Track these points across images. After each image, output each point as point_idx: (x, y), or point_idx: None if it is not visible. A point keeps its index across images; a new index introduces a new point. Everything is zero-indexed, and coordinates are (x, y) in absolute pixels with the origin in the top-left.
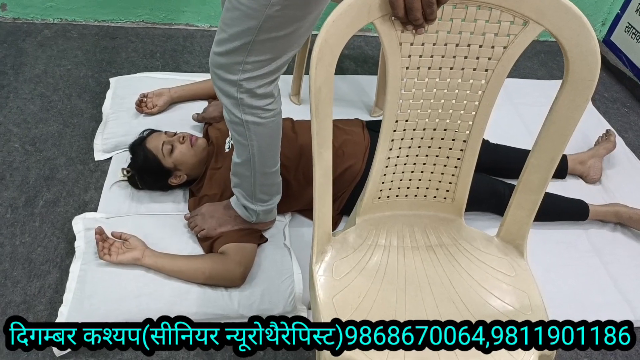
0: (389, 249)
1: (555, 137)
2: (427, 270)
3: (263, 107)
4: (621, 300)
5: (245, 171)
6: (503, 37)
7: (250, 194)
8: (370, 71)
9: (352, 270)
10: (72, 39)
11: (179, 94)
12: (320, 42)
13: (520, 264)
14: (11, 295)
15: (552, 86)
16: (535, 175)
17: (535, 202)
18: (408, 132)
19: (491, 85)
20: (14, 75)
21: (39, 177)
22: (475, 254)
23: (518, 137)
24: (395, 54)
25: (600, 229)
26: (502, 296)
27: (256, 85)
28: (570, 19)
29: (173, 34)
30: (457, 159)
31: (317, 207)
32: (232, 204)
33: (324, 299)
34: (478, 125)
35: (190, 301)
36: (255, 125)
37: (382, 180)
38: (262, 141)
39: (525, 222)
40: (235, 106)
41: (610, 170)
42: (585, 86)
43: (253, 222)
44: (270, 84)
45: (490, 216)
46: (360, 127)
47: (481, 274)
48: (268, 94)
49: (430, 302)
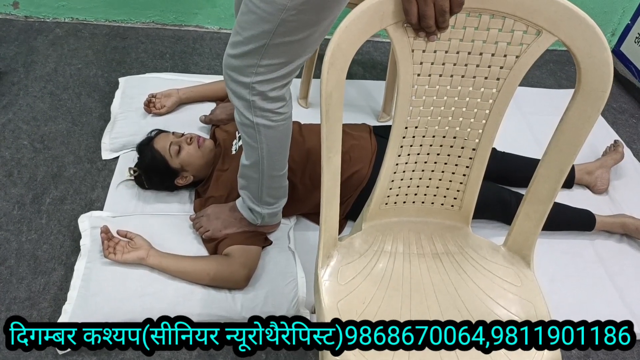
0: (395, 256)
1: (565, 148)
2: (432, 278)
3: (274, 110)
4: (626, 314)
5: (253, 173)
6: (515, 46)
7: (257, 196)
8: (379, 77)
9: (357, 276)
10: (83, 38)
11: (187, 95)
12: (332, 47)
13: (527, 275)
14: (16, 291)
15: (560, 96)
16: (543, 185)
17: (544, 213)
18: (417, 138)
19: (502, 94)
20: (25, 73)
21: (47, 174)
22: (481, 262)
23: (525, 145)
24: (407, 61)
25: (607, 240)
26: (507, 306)
27: (269, 88)
28: (584, 30)
29: (183, 36)
30: (465, 167)
31: (324, 211)
32: (238, 206)
33: (329, 304)
34: (488, 134)
35: (194, 302)
36: (265, 128)
37: (390, 186)
38: (272, 144)
39: (532, 233)
40: (247, 108)
41: (617, 181)
42: (597, 97)
43: (258, 225)
44: (283, 88)
45: (496, 224)
46: (368, 132)
47: (487, 283)
48: (280, 97)
49: (435, 309)
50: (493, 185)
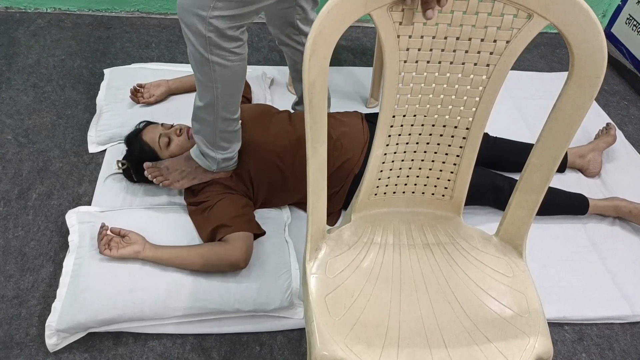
0: (385, 247)
1: (558, 136)
2: (423, 269)
3: (230, 49)
4: (619, 297)
5: (207, 115)
6: (506, 30)
7: (211, 140)
8: (368, 63)
9: (346, 269)
10: (66, 28)
11: (176, 85)
12: (314, 33)
13: (519, 265)
14: (4, 289)
15: (551, 79)
16: (536, 174)
17: (536, 202)
18: (406, 127)
19: (492, 81)
20: (7, 65)
21: (32, 169)
22: (473, 253)
23: (516, 130)
24: (392, 47)
25: (599, 224)
26: (499, 297)
27: (226, 25)
28: (577, 13)
29: (169, 24)
30: (456, 156)
31: (311, 203)
32: (192, 155)
33: (317, 298)
34: (478, 122)
35: (185, 295)
36: (221, 67)
37: (379, 176)
38: (226, 84)
39: (525, 222)
40: (203, 45)
41: (609, 164)
42: (591, 83)
43: (214, 171)
44: (239, 29)
45: (489, 210)
46: (360, 119)
47: (478, 274)
48: (236, 37)
49: (425, 301)
50: (485, 170)
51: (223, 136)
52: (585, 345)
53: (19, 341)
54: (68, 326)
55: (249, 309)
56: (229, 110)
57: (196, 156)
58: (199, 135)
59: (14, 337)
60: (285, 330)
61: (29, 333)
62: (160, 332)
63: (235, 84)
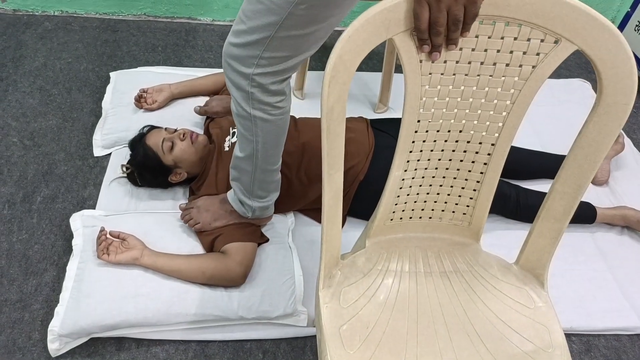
0: (401, 275)
1: (584, 164)
2: (440, 299)
3: (273, 103)
4: (627, 307)
5: (246, 166)
6: (532, 55)
7: (248, 189)
8: (375, 68)
9: (361, 298)
10: (73, 31)
11: (179, 89)
12: (334, 59)
13: (541, 296)
14: (7, 293)
15: (560, 85)
16: (559, 202)
17: (559, 231)
18: (425, 152)
19: (517, 106)
20: (14, 68)
21: (37, 172)
22: (492, 282)
23: (524, 137)
24: (414, 72)
25: (607, 233)
26: (520, 330)
27: (269, 81)
28: (607, 39)
29: (175, 28)
30: (476, 182)
31: (326, 229)
32: (229, 199)
33: (330, 330)
34: (500, 148)
35: (189, 302)
36: (262, 121)
37: (396, 201)
38: (268, 138)
39: (547, 251)
40: (245, 100)
41: (617, 172)
42: (619, 110)
43: (249, 218)
44: (283, 82)
45: (495, 217)
46: (365, 125)
47: (499, 305)
48: (280, 91)
49: (444, 334)
50: None
51: (261, 186)
52: (593, 356)
53: (22, 345)
54: (70, 331)
55: (253, 316)
56: (269, 162)
57: (232, 200)
58: (237, 182)
59: (16, 342)
60: (288, 337)
61: (31, 337)
62: (163, 338)
63: (277, 137)
